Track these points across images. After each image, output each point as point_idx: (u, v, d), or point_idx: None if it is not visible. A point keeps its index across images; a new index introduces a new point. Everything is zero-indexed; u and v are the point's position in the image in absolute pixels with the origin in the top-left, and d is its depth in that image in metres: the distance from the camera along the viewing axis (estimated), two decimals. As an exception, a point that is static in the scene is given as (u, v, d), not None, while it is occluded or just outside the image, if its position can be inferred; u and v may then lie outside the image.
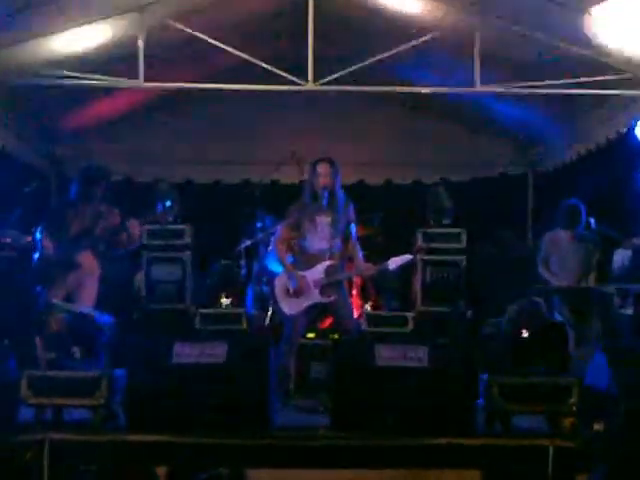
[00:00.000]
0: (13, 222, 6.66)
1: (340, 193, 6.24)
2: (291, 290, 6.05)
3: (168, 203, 6.59)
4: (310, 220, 6.13)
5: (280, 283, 6.15)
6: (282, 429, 5.30)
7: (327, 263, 6.11)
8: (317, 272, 6.09)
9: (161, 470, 4.64)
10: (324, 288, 6.08)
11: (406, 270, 7.63)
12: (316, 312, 6.44)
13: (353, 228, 6.31)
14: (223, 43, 7.38)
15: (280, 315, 6.23)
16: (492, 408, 5.21)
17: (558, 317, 6.86)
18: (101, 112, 8.83)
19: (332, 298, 6.08)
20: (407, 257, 6.10)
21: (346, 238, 6.24)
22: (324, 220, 6.15)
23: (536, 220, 9.28)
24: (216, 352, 5.24)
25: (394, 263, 6.05)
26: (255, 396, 5.16)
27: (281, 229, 6.32)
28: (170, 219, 7.06)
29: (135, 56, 7.15)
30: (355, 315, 7.30)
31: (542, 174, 9.47)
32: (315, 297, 6.07)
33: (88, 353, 5.50)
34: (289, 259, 6.23)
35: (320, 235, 6.14)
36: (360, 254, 6.29)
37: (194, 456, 4.86)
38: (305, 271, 6.11)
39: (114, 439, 4.91)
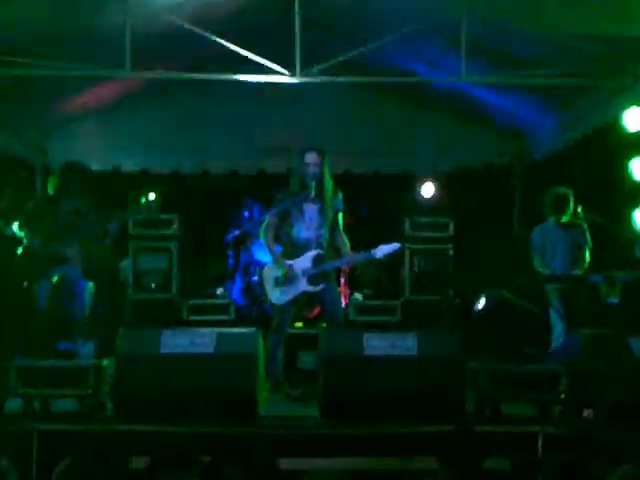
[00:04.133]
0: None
1: (328, 182, 6.24)
2: (279, 279, 6.04)
3: (151, 197, 6.55)
4: (298, 209, 6.12)
5: (268, 272, 6.15)
6: (271, 418, 5.29)
7: (315, 252, 6.10)
8: (305, 261, 6.08)
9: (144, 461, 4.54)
10: (312, 277, 6.07)
11: (394, 259, 7.65)
12: (304, 301, 6.44)
13: (340, 217, 6.30)
14: (210, 33, 7.33)
15: (267, 304, 6.22)
16: (481, 396, 5.24)
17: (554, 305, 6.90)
18: (88, 101, 8.76)
19: (320, 287, 6.08)
20: (395, 245, 6.09)
21: (333, 227, 6.23)
22: (312, 208, 6.14)
23: (523, 210, 9.29)
24: (204, 342, 5.21)
25: (381, 251, 6.04)
26: (243, 386, 5.13)
27: (268, 218, 6.30)
28: (154, 213, 7.01)
29: (121, 45, 7.09)
30: (343, 304, 7.31)
31: (529, 164, 9.48)
32: (303, 286, 6.07)
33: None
34: (277, 248, 6.22)
35: (308, 224, 6.13)
36: (347, 244, 6.28)
37: (182, 446, 4.84)
38: (293, 260, 6.10)
39: (101, 429, 4.88)
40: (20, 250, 6.37)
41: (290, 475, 3.74)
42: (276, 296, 6.09)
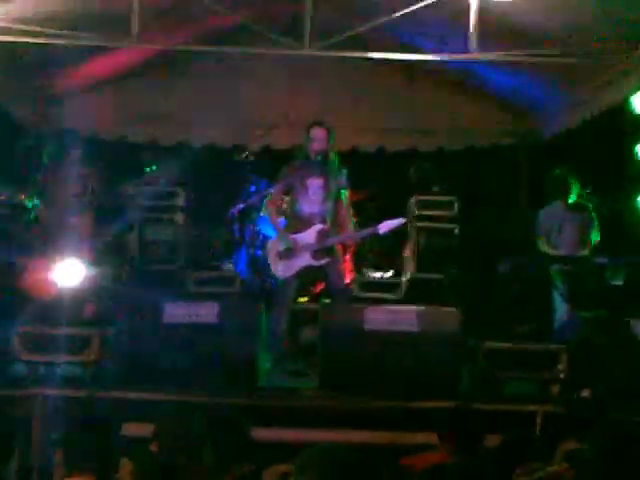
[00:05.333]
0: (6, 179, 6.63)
1: (333, 157, 6.24)
2: (282, 253, 6.06)
3: (154, 167, 6.55)
4: (302, 183, 6.14)
5: (272, 246, 6.17)
6: (270, 390, 5.34)
7: (319, 227, 6.12)
8: (309, 236, 6.10)
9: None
10: (315, 252, 6.10)
11: (399, 236, 7.66)
12: (308, 276, 6.45)
13: (345, 193, 6.31)
14: (218, 4, 7.30)
15: (272, 278, 6.24)
16: (481, 373, 5.27)
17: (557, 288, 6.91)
18: (96, 71, 8.74)
19: (323, 262, 6.10)
20: (400, 220, 6.10)
21: (337, 202, 6.24)
22: (316, 183, 6.15)
23: (530, 190, 9.26)
24: (207, 312, 5.25)
25: (385, 226, 6.05)
26: (244, 357, 5.18)
27: (272, 192, 6.32)
28: (160, 182, 6.97)
29: (129, 15, 7.06)
30: (347, 280, 7.33)
31: (537, 144, 9.44)
32: (306, 260, 6.09)
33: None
34: (281, 222, 6.24)
35: (312, 198, 6.15)
36: (352, 219, 6.30)
37: (182, 414, 4.88)
38: (297, 234, 6.12)
39: (104, 396, 4.93)
40: (31, 219, 6.39)
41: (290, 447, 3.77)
42: (280, 270, 6.12)
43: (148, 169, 6.49)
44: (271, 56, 7.78)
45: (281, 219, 6.27)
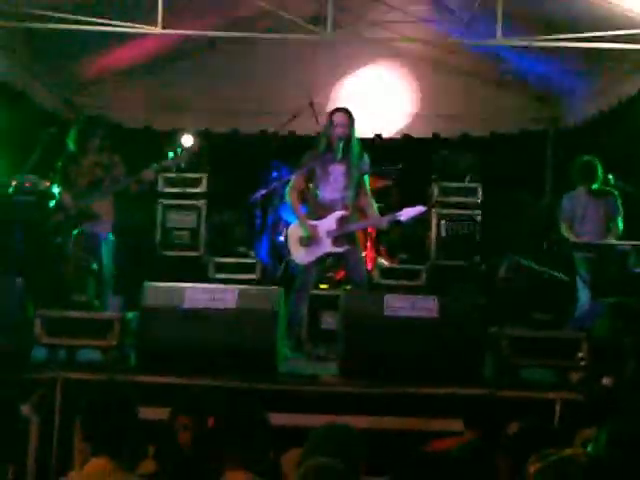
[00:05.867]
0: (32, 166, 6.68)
1: (355, 144, 6.22)
2: (303, 239, 6.06)
3: (179, 150, 6.55)
4: (323, 169, 6.12)
5: (293, 232, 6.17)
6: (290, 375, 5.35)
7: (340, 213, 6.11)
8: (330, 222, 6.09)
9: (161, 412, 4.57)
10: (337, 238, 6.09)
11: (421, 223, 7.63)
12: (329, 262, 6.45)
13: (367, 179, 6.29)
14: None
15: (292, 264, 6.25)
16: (500, 360, 5.24)
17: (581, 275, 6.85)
18: (120, 59, 8.79)
19: (344, 248, 6.09)
20: (420, 209, 6.07)
21: (359, 189, 6.22)
22: (338, 170, 6.14)
23: (556, 177, 9.18)
24: (227, 298, 5.26)
25: (406, 214, 6.02)
26: (263, 342, 5.19)
27: (294, 178, 6.32)
28: (182, 165, 6.96)
29: (153, 2, 7.09)
30: (368, 267, 7.32)
31: (563, 130, 9.34)
32: (327, 247, 6.08)
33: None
34: (302, 209, 6.23)
35: (333, 185, 6.14)
36: (374, 206, 6.28)
37: (202, 398, 4.91)
38: (318, 220, 6.11)
39: (125, 380, 4.95)
40: (52, 205, 6.44)
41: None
42: (300, 256, 6.12)
43: (171, 154, 6.46)
44: (296, 42, 7.78)
45: (302, 205, 6.25)
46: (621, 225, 7.10)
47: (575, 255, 6.98)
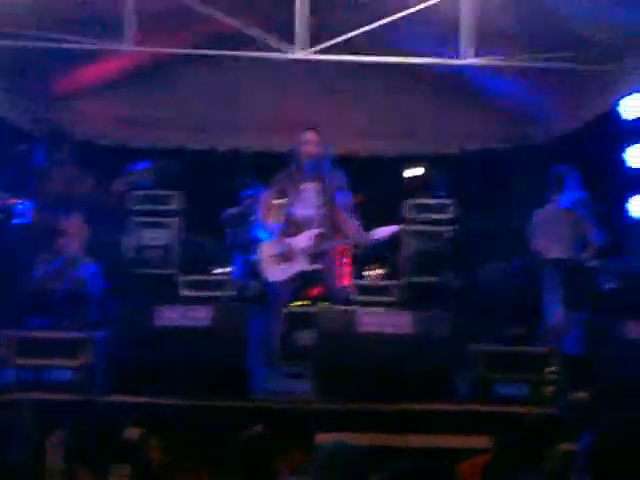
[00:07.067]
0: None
1: (326, 161, 6.23)
2: (277, 257, 6.03)
3: (143, 164, 6.52)
4: (295, 188, 6.13)
5: (266, 250, 6.13)
6: (264, 394, 5.32)
7: (315, 231, 6.09)
8: (305, 239, 6.07)
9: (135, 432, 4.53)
10: (312, 256, 6.07)
11: (394, 240, 7.63)
12: (303, 280, 6.41)
13: (342, 196, 6.28)
14: (213, 9, 7.31)
15: (266, 282, 6.20)
16: (474, 375, 5.25)
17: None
18: (93, 76, 8.75)
19: (319, 266, 6.06)
20: (394, 228, 6.07)
21: (333, 206, 6.21)
22: (309, 188, 6.14)
23: (526, 194, 9.24)
24: (199, 316, 5.23)
25: (380, 233, 6.02)
26: (236, 361, 5.16)
27: (264, 196, 6.31)
28: (148, 181, 6.92)
29: (124, 19, 7.07)
30: (345, 283, 7.30)
31: (532, 148, 9.43)
32: (302, 265, 6.05)
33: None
34: (275, 226, 6.20)
35: (305, 202, 6.13)
36: (356, 223, 6.26)
37: (174, 418, 4.85)
38: (292, 238, 6.09)
39: (94, 400, 4.90)
40: (21, 223, 6.37)
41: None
42: (274, 274, 6.08)
43: (137, 167, 6.41)
44: (267, 60, 7.78)
45: (275, 223, 6.23)
46: (594, 241, 7.09)
47: (545, 270, 7.01)
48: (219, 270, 8.11)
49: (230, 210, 7.86)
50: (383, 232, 6.03)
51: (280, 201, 6.30)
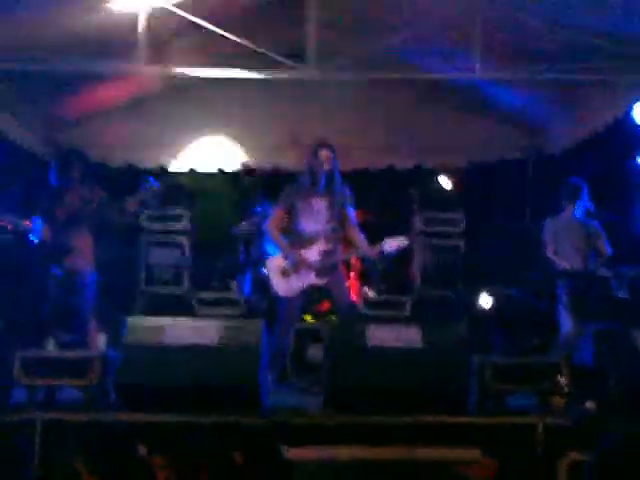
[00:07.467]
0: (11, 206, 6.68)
1: (337, 177, 6.26)
2: (287, 270, 6.04)
3: (152, 183, 6.55)
4: (306, 202, 6.15)
5: (274, 264, 6.15)
6: (275, 409, 5.32)
7: (323, 246, 6.11)
8: (312, 254, 6.09)
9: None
10: (320, 270, 6.08)
11: (405, 254, 7.63)
12: (313, 294, 6.42)
13: (350, 210, 6.30)
14: (224, 29, 7.38)
15: (275, 296, 6.21)
16: (484, 388, 5.23)
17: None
18: (103, 97, 8.83)
19: (327, 280, 6.07)
20: (403, 241, 6.05)
21: (343, 220, 6.24)
22: (321, 203, 6.16)
23: (536, 206, 9.22)
24: (209, 333, 5.25)
25: (389, 245, 6.01)
26: (246, 376, 5.16)
27: (274, 211, 6.33)
28: (156, 198, 6.95)
29: (135, 41, 7.15)
30: (353, 298, 7.29)
31: (543, 160, 9.41)
32: (310, 279, 6.06)
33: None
34: (284, 241, 6.22)
35: (316, 217, 6.15)
36: (362, 236, 6.27)
37: (186, 436, 4.87)
38: (301, 252, 6.10)
39: (106, 419, 4.92)
40: (33, 244, 6.43)
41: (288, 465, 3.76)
42: (283, 288, 6.09)
43: (144, 187, 6.44)
44: (279, 79, 7.83)
45: (285, 239, 6.25)
46: (605, 250, 7.09)
47: (557, 282, 6.98)
48: (229, 286, 8.15)
49: (241, 226, 7.89)
50: (391, 244, 6.03)
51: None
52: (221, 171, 9.55)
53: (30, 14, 6.59)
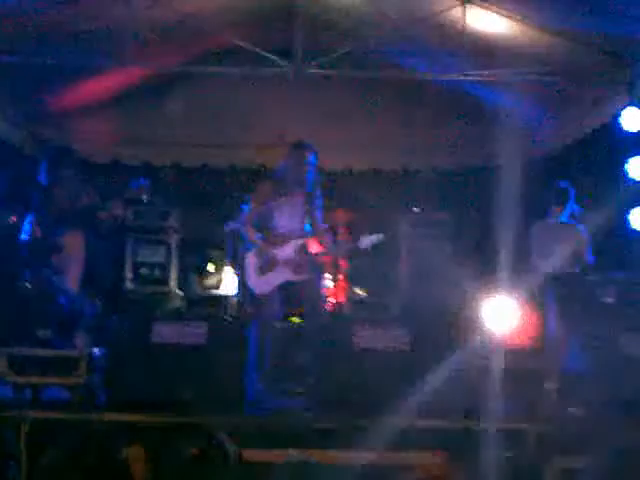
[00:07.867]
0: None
1: (315, 175, 6.25)
2: (263, 267, 6.01)
3: (142, 181, 6.53)
4: (281, 200, 6.12)
5: (249, 262, 6.09)
6: (260, 410, 5.30)
7: (298, 242, 6.10)
8: (288, 250, 6.07)
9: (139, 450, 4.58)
10: (296, 267, 6.05)
11: (391, 255, 7.65)
12: (292, 292, 6.36)
13: (318, 211, 6.30)
14: (211, 26, 7.35)
15: (251, 294, 6.14)
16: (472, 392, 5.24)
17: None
18: (87, 92, 8.76)
19: (304, 277, 6.04)
20: (379, 236, 6.06)
21: (315, 219, 6.24)
22: (298, 201, 6.15)
23: (523, 209, 9.23)
24: (196, 333, 5.23)
25: (365, 242, 6.02)
26: (232, 376, 5.15)
27: (250, 209, 6.28)
28: (144, 197, 6.94)
29: (120, 37, 7.10)
30: (340, 299, 7.31)
31: (529, 163, 9.43)
32: (286, 275, 6.03)
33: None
34: (259, 238, 6.17)
35: (291, 214, 6.13)
36: (330, 236, 6.27)
37: (172, 435, 4.85)
38: (276, 249, 6.07)
39: (92, 418, 4.89)
40: (20, 240, 6.39)
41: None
42: (259, 285, 6.04)
43: (134, 185, 6.42)
44: (265, 76, 7.81)
45: (258, 235, 6.21)
46: (589, 255, 7.13)
47: (544, 285, 7.00)
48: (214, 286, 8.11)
49: (229, 225, 7.86)
50: (369, 240, 6.04)
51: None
52: (207, 167, 9.53)
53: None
